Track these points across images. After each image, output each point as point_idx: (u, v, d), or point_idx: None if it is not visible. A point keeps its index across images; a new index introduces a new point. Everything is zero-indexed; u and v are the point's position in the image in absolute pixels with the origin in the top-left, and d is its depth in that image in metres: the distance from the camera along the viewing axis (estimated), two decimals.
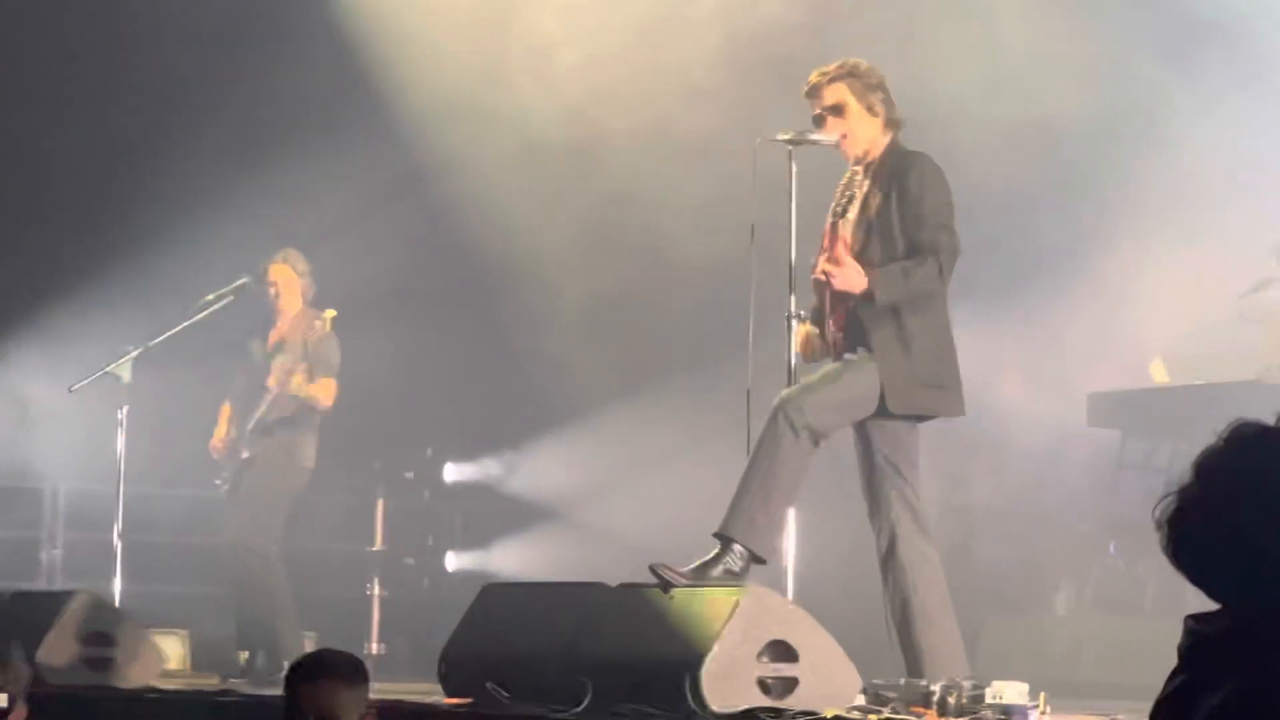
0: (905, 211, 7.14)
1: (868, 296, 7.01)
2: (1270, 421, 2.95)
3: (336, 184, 11.53)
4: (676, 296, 11.14)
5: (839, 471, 7.44)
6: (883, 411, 7.05)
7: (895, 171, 7.20)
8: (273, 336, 10.45)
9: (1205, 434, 3.15)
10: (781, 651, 6.45)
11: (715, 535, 6.87)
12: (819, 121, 7.29)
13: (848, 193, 7.36)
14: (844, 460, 7.34)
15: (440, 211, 11.96)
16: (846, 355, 7.14)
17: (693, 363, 10.81)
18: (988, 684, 6.39)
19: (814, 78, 7.34)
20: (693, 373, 10.72)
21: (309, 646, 9.90)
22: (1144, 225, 10.44)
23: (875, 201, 7.20)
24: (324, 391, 10.21)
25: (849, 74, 7.30)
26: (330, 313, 10.20)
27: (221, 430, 10.45)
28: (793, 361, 7.14)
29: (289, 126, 11.76)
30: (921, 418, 7.20)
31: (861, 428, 7.18)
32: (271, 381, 10.19)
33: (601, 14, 11.33)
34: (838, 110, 7.27)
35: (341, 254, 10.94)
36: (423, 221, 11.86)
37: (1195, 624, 2.88)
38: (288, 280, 10.44)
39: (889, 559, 7.10)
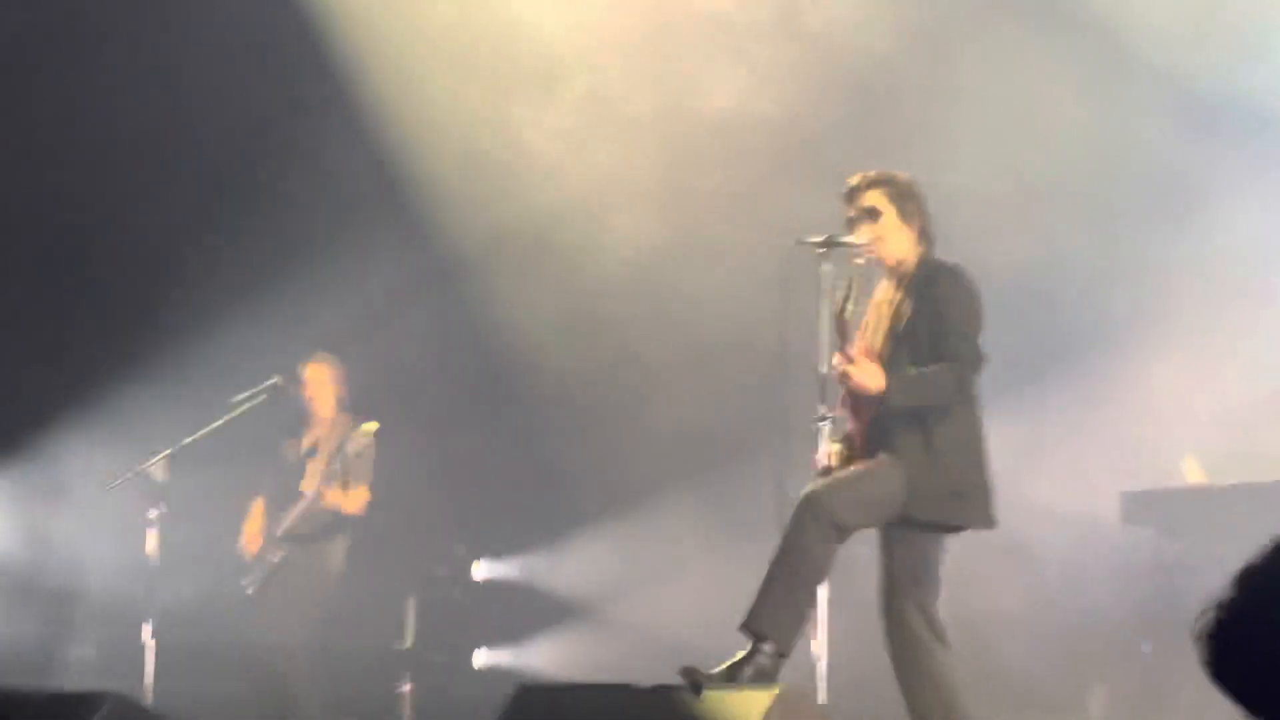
0: (932, 321, 7.17)
1: (882, 399, 7.03)
2: None
3: (366, 281, 11.56)
4: (710, 396, 11.15)
5: (871, 570, 7.43)
6: (908, 519, 7.07)
7: (926, 281, 7.23)
8: (306, 440, 10.53)
9: (1240, 533, 3.13)
10: None
11: (741, 629, 6.88)
12: (852, 226, 7.33)
13: (879, 302, 7.40)
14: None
15: (472, 306, 11.99)
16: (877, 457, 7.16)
17: (725, 462, 10.81)
18: None
19: (853, 180, 7.38)
20: (725, 472, 10.72)
21: None
22: (1179, 318, 10.44)
23: (905, 311, 7.23)
24: (357, 501, 10.30)
25: (887, 182, 7.35)
26: (372, 425, 10.26)
27: (254, 527, 10.51)
28: (819, 461, 7.20)
29: (321, 223, 11.81)
30: (947, 527, 7.21)
31: (885, 531, 7.20)
32: (306, 487, 10.26)
33: (622, 106, 11.39)
34: (873, 215, 7.32)
35: (372, 351, 10.98)
36: (452, 318, 11.89)
37: None
38: (321, 382, 10.53)
39: (904, 665, 7.13)
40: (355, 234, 11.55)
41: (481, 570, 12.46)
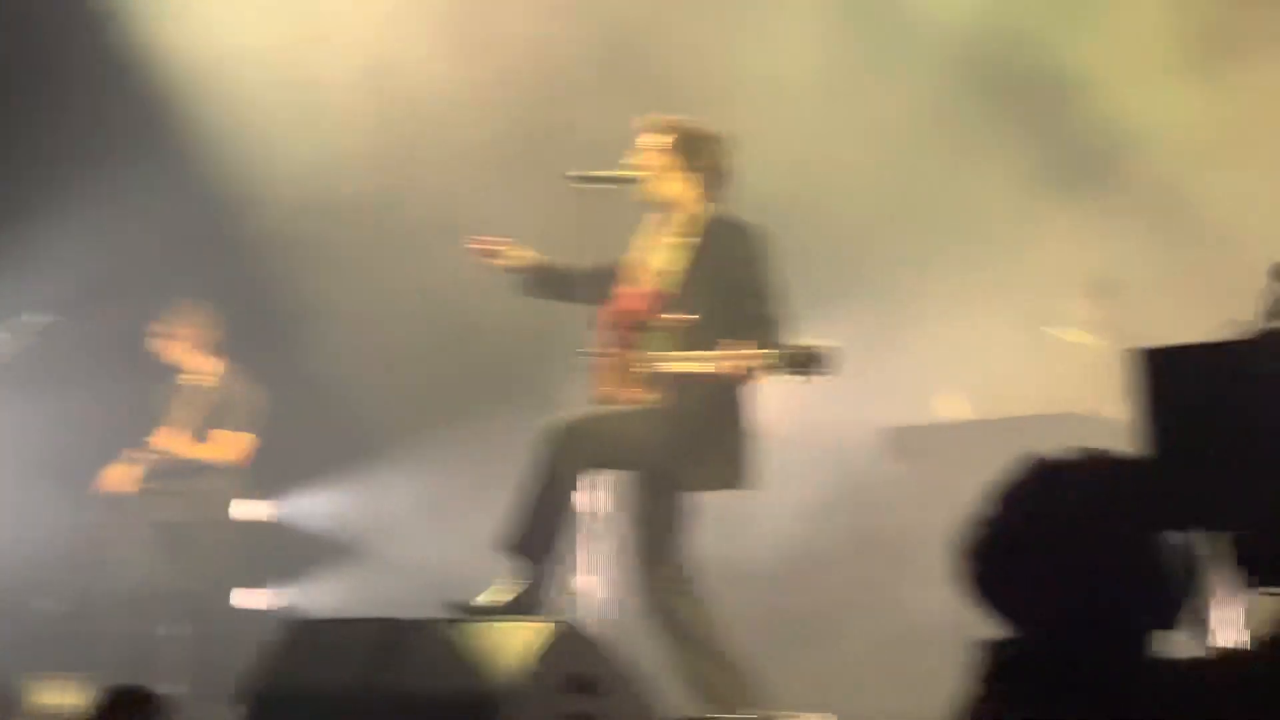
0: (735, 278, 7.19)
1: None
2: (1071, 448, 3.03)
3: (138, 224, 11.40)
4: (477, 332, 11.14)
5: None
6: (666, 476, 7.15)
7: (724, 235, 7.26)
8: None
9: (998, 467, 3.21)
10: (583, 684, 6.47)
11: (495, 548, 6.93)
12: (638, 155, 7.39)
13: (659, 244, 7.43)
14: None
15: (251, 248, 11.89)
16: (630, 398, 7.22)
17: (495, 397, 10.82)
18: (780, 715, 6.46)
19: (648, 119, 7.43)
20: (495, 407, 10.73)
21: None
22: (947, 260, 10.62)
23: (698, 259, 7.26)
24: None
25: (676, 126, 7.40)
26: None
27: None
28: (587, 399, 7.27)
29: (87, 161, 11.62)
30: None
31: (637, 479, 7.28)
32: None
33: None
34: (650, 155, 7.36)
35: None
36: (231, 260, 11.78)
37: (983, 650, 2.94)
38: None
39: (661, 608, 7.23)
40: (128, 172, 11.37)
41: (253, 509, 12.35)
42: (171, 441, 10.43)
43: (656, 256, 7.44)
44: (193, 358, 10.62)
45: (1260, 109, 10.28)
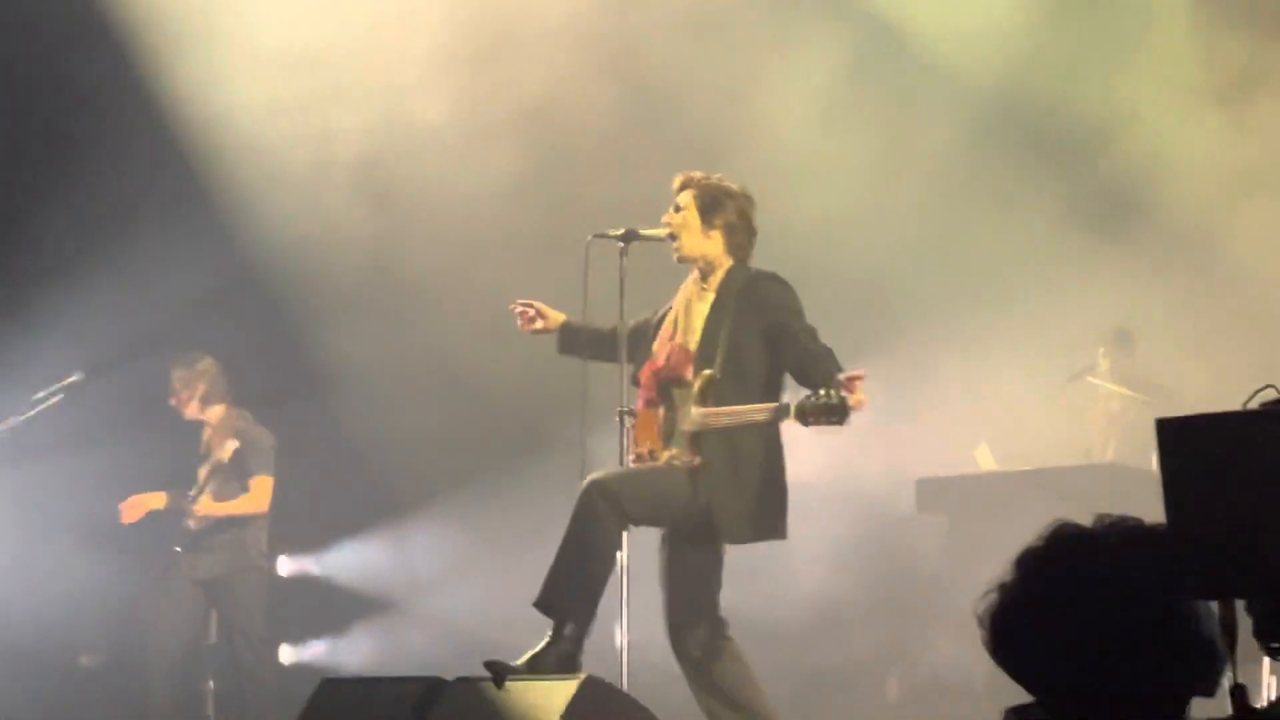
0: (770, 325, 7.26)
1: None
2: (1092, 512, 3.07)
3: (168, 281, 11.47)
4: (512, 391, 11.19)
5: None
6: (709, 533, 7.21)
7: (748, 287, 7.34)
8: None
9: (1029, 518, 3.26)
10: None
11: (535, 606, 6.98)
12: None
13: (686, 301, 7.50)
14: None
15: (276, 306, 11.95)
16: (668, 457, 7.28)
17: (529, 456, 10.86)
18: None
19: (675, 179, 7.51)
20: (529, 465, 10.78)
21: None
22: (971, 310, 10.65)
23: (725, 316, 7.33)
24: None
25: (699, 183, 7.47)
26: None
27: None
28: (623, 457, 7.31)
29: (126, 223, 11.70)
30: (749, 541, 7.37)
31: (671, 537, 7.34)
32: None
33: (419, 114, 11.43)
34: (676, 211, 7.45)
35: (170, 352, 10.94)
36: (256, 317, 11.84)
37: (1015, 717, 2.99)
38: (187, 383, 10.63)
39: (692, 662, 7.27)
40: (162, 235, 11.45)
41: (285, 565, 12.41)
42: (206, 505, 10.50)
43: (689, 314, 7.51)
44: (207, 410, 10.68)
45: None
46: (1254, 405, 3.22)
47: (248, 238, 11.76)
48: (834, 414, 6.87)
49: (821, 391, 6.88)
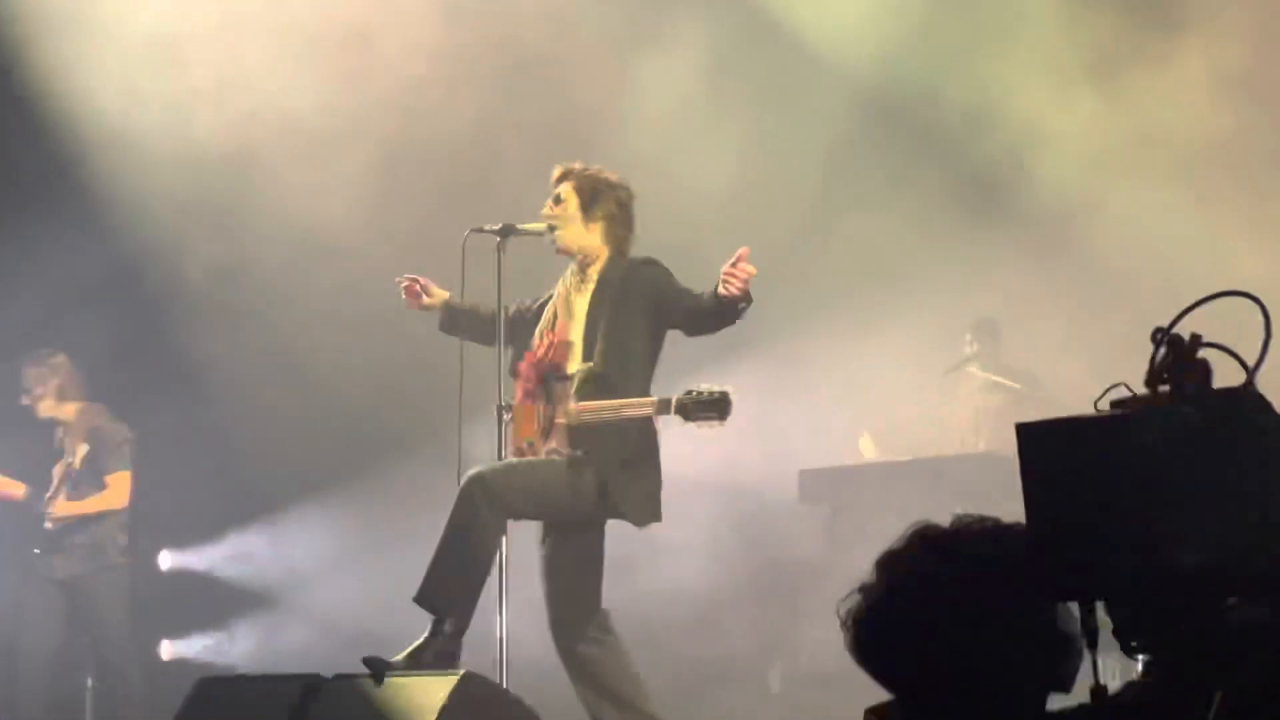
0: (656, 300, 7.28)
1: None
2: (969, 501, 3.10)
3: (42, 281, 11.36)
4: (391, 385, 11.16)
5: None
6: (586, 519, 7.23)
7: (628, 274, 7.35)
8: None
9: (912, 508, 3.27)
10: None
11: (415, 601, 6.96)
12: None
13: (564, 293, 7.51)
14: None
15: (154, 303, 11.86)
16: (549, 449, 7.29)
17: (406, 450, 10.84)
18: None
19: (555, 170, 7.52)
20: (406, 460, 10.76)
21: None
22: (852, 299, 10.71)
23: (606, 304, 7.34)
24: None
25: (580, 174, 7.49)
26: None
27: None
28: (501, 450, 7.30)
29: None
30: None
31: (551, 530, 7.35)
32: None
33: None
34: (556, 202, 7.46)
35: (54, 342, 10.83)
36: (135, 314, 11.75)
37: (873, 716, 3.01)
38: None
39: (575, 656, 7.29)
40: (27, 228, 11.33)
41: (166, 560, 12.33)
42: (63, 506, 10.40)
43: (569, 305, 7.51)
44: (62, 407, 10.57)
45: (1155, 132, 10.38)
46: (1105, 402, 3.25)
47: (113, 232, 11.65)
48: (714, 409, 6.92)
49: (702, 389, 6.93)
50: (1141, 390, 3.19)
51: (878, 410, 11.03)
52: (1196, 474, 3.04)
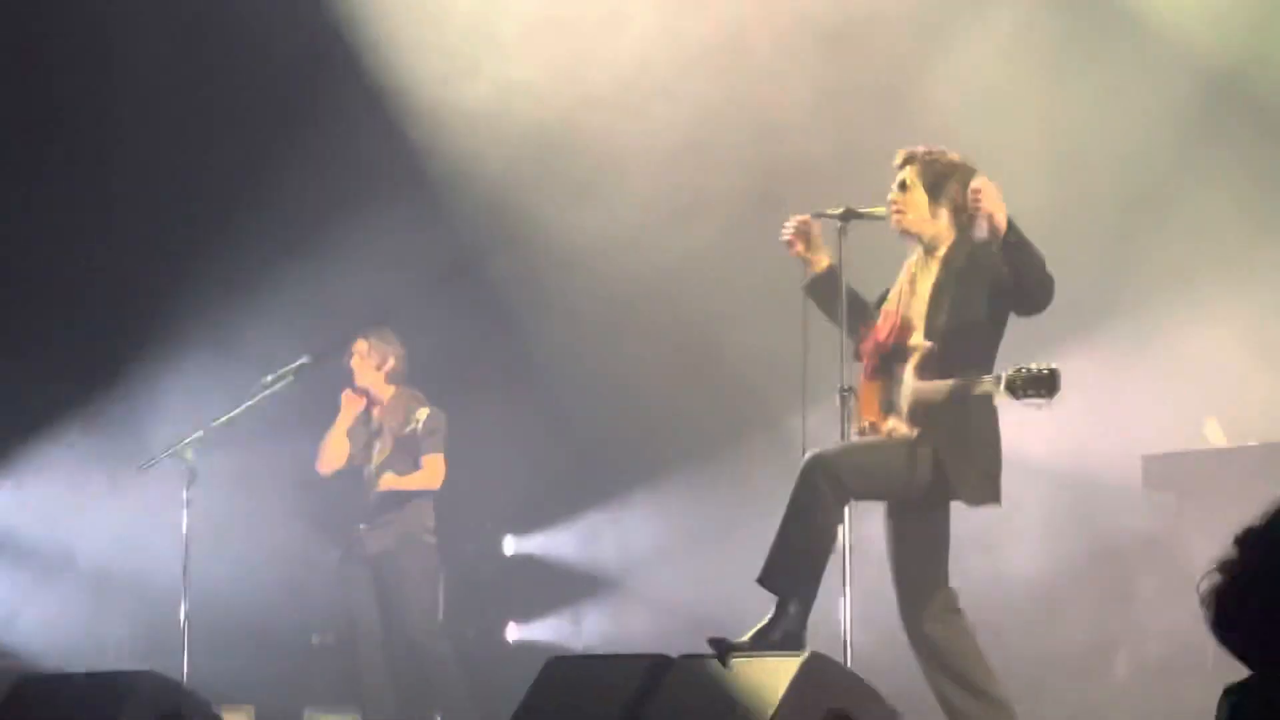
0: (991, 283, 7.25)
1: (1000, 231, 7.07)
2: None
3: (394, 260, 11.64)
4: (732, 368, 11.22)
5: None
6: (930, 499, 7.21)
7: (973, 255, 7.32)
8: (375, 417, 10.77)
9: (1263, 495, 3.22)
10: (842, 718, 6.52)
11: (759, 583, 7.00)
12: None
13: (912, 276, 7.50)
14: None
15: (499, 289, 12.07)
16: (889, 429, 7.29)
17: (749, 435, 10.89)
18: None
19: (898, 155, 7.52)
20: (750, 443, 10.81)
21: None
22: (1194, 284, 10.49)
23: (950, 284, 7.32)
24: (432, 475, 10.66)
25: (924, 158, 7.46)
26: (424, 410, 10.57)
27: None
28: (844, 433, 7.32)
29: (342, 204, 11.88)
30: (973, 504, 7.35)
31: (895, 510, 7.34)
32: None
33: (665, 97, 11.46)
34: (902, 188, 7.45)
35: (399, 328, 11.08)
36: (480, 300, 11.97)
37: (1234, 695, 2.96)
38: (371, 357, 10.74)
39: (922, 637, 7.26)
40: (380, 215, 11.62)
41: (510, 545, 12.56)
42: (390, 480, 10.61)
43: (914, 286, 7.50)
44: (382, 383, 10.78)
45: None
46: None
47: (455, 219, 11.89)
48: (1042, 385, 6.86)
49: (1030, 366, 6.88)
50: None
51: (1223, 395, 10.77)
52: None
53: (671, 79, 11.38)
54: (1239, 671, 3.07)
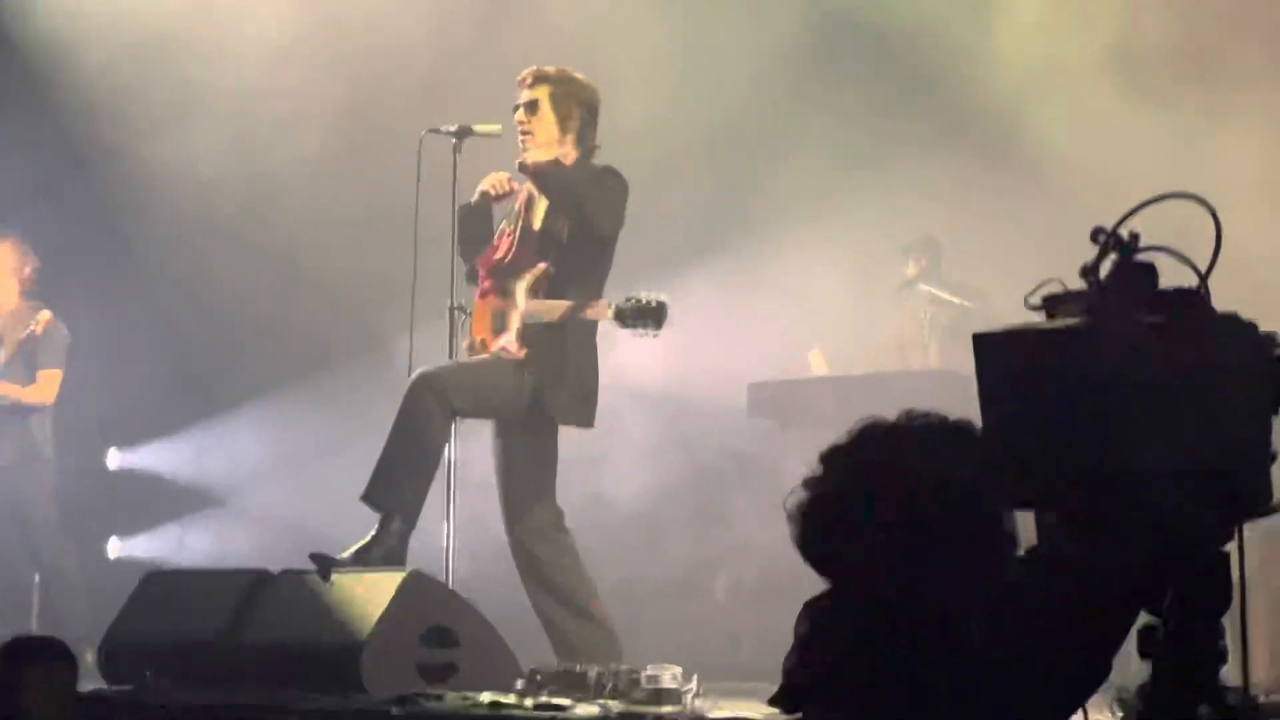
0: (572, 210, 7.31)
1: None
2: (905, 411, 3.11)
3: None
4: (340, 285, 11.15)
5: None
6: (532, 418, 7.26)
7: (588, 182, 7.35)
8: None
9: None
10: (441, 636, 6.56)
11: (362, 500, 7.00)
12: (516, 111, 7.44)
13: (530, 194, 7.51)
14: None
15: (101, 200, 11.80)
16: (499, 347, 7.32)
17: (357, 351, 10.85)
18: (643, 669, 6.54)
19: (526, 71, 7.48)
20: (357, 361, 10.76)
21: None
22: (801, 219, 10.71)
23: (560, 209, 7.35)
24: (48, 388, 10.33)
25: (559, 80, 7.45)
26: (46, 313, 10.22)
27: None
28: (452, 351, 7.33)
29: None
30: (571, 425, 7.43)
31: (503, 430, 7.38)
32: None
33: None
34: (531, 108, 7.43)
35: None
36: (83, 211, 11.69)
37: (813, 608, 3.04)
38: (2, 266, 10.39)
39: (528, 555, 7.33)
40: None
41: (114, 459, 12.32)
42: (2, 386, 10.33)
43: (531, 207, 7.52)
44: (12, 288, 10.49)
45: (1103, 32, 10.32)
46: (1037, 299, 3.28)
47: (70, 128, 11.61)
48: (650, 317, 6.96)
49: (640, 296, 6.97)
50: (1075, 285, 3.22)
51: (827, 326, 11.05)
52: (1155, 376, 3.07)
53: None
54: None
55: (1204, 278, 3.18)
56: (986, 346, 3.27)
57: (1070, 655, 3.01)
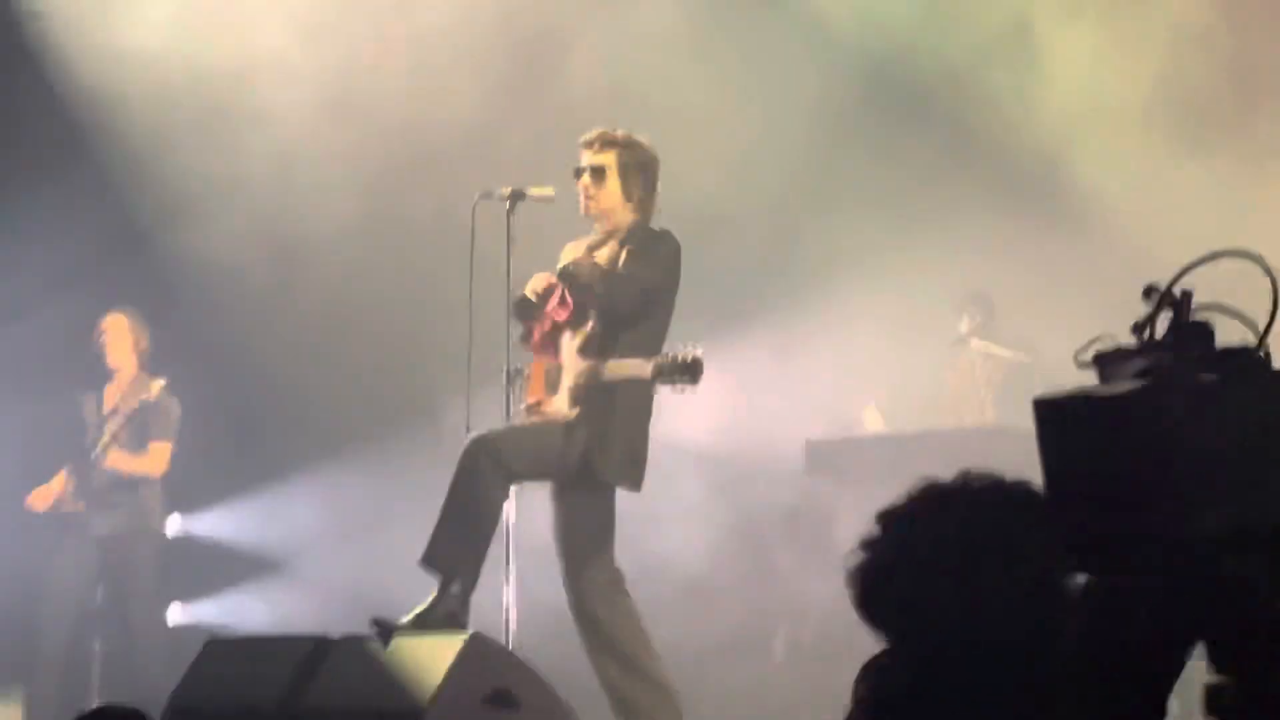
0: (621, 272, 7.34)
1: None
2: (963, 471, 3.11)
3: (56, 240, 11.38)
4: (396, 351, 11.19)
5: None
6: (583, 478, 7.27)
7: (644, 243, 7.38)
8: (108, 399, 10.52)
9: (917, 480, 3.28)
10: (503, 698, 6.55)
11: (420, 564, 7.01)
12: (578, 175, 7.48)
13: (590, 254, 7.55)
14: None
15: (156, 268, 11.88)
16: (548, 412, 7.35)
17: (416, 415, 10.88)
18: None
19: (592, 134, 7.52)
20: (411, 426, 10.80)
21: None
22: (851, 273, 10.71)
23: (624, 266, 7.39)
24: (158, 459, 10.46)
25: (626, 146, 7.49)
26: (159, 382, 10.36)
27: (48, 490, 10.47)
28: (508, 414, 7.36)
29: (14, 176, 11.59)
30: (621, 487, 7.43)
31: (560, 491, 7.40)
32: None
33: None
34: (598, 174, 7.46)
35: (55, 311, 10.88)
36: (147, 271, 11.77)
37: (872, 670, 3.04)
38: (120, 337, 10.51)
39: (588, 617, 7.33)
40: (50, 188, 11.37)
41: (172, 526, 12.35)
42: (115, 457, 10.45)
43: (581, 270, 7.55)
44: (129, 364, 10.62)
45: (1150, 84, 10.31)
46: (1088, 355, 3.28)
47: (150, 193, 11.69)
48: (686, 373, 6.98)
49: (676, 352, 6.99)
50: (1124, 337, 3.22)
51: (881, 382, 11.04)
52: (1218, 438, 3.05)
53: (318, 35, 11.31)
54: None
55: (1263, 336, 3.18)
56: (1047, 411, 3.27)
57: (1124, 701, 3.00)
